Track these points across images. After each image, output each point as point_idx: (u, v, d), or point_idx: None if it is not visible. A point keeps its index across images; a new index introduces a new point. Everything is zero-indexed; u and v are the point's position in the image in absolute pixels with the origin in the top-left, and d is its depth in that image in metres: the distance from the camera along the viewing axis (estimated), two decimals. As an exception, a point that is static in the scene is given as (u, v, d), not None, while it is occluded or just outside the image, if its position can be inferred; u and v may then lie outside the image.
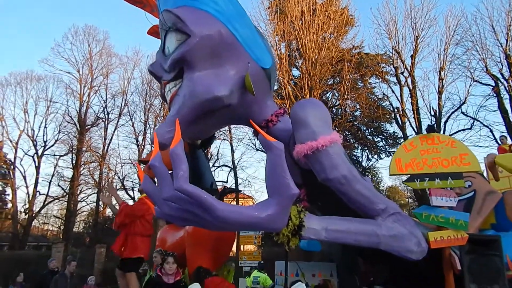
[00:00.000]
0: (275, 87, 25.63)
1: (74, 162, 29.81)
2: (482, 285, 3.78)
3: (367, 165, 26.66)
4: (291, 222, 3.33)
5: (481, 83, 23.44)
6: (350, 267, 4.75)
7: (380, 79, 25.11)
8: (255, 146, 24.81)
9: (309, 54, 23.30)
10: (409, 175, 4.16)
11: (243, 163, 29.37)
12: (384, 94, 25.37)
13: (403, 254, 3.68)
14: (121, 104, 30.86)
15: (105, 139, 30.54)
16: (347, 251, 4.74)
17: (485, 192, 5.31)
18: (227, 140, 25.96)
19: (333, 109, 25.45)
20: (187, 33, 3.66)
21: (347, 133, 25.72)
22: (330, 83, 25.64)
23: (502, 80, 22.80)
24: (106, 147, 30.45)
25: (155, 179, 3.16)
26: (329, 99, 25.88)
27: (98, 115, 30.99)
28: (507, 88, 22.59)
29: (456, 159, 4.11)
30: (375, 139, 26.41)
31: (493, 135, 21.69)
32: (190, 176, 2.87)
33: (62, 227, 31.95)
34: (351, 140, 25.31)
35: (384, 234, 3.64)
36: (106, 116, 30.88)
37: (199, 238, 4.87)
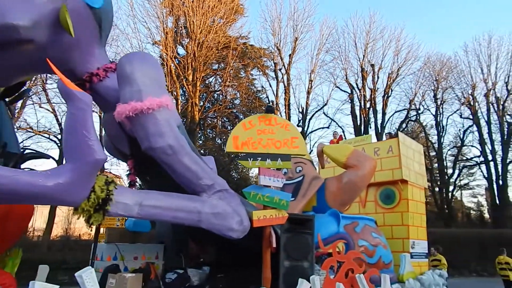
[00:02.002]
0: (161, 64, 24.16)
1: None
2: (294, 262, 3.94)
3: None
4: (93, 195, 2.76)
5: (340, 89, 26.76)
6: (179, 248, 4.47)
7: (261, 72, 26.16)
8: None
9: (196, 34, 22.48)
10: (244, 153, 4.05)
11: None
12: (262, 87, 26.55)
13: (224, 233, 3.52)
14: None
15: None
16: (177, 232, 4.44)
17: (311, 177, 5.75)
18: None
19: (215, 94, 25.38)
20: None
21: (225, 119, 26.08)
22: (214, 68, 25.44)
23: (356, 89, 26.47)
24: None
25: None
26: (211, 83, 25.67)
27: None
28: (359, 97, 26.35)
29: (287, 142, 4.17)
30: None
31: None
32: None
33: None
34: (228, 127, 25.67)
35: (206, 211, 3.40)
36: None
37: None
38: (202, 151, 22.67)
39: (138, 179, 4.10)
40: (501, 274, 9.64)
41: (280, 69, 25.54)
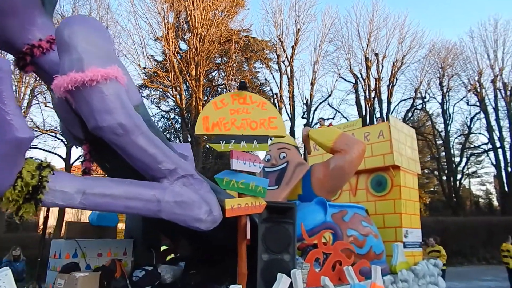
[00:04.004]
0: (160, 59, 23.75)
1: None
2: (273, 255, 3.44)
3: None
4: (20, 182, 2.30)
5: (345, 79, 25.95)
6: (150, 243, 4.01)
7: (264, 65, 25.52)
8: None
9: (198, 28, 21.98)
10: (215, 136, 3.55)
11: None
12: (266, 79, 25.93)
13: (190, 224, 3.03)
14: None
15: None
16: (148, 226, 3.98)
17: (295, 164, 5.20)
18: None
19: (218, 88, 24.87)
20: None
21: (229, 113, 25.51)
22: (217, 62, 24.93)
23: (361, 79, 25.61)
24: None
25: None
26: (215, 77, 25.15)
27: None
28: (363, 87, 25.49)
29: (264, 122, 3.65)
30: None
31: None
32: None
33: None
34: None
35: (167, 200, 2.91)
36: None
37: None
38: (208, 147, 22.28)
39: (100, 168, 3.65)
40: (504, 261, 9.58)
41: (283, 61, 24.89)
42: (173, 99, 22.19)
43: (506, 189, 24.92)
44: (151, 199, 2.85)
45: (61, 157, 18.64)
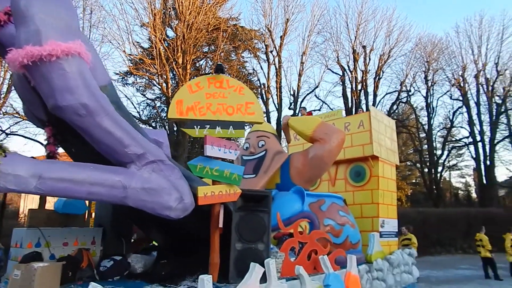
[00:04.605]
0: (146, 46, 23.15)
1: None
2: (247, 244, 3.32)
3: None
4: (-36, 164, 2.09)
5: (332, 71, 25.87)
6: (120, 231, 3.82)
7: (252, 55, 25.17)
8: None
9: (185, 15, 21.42)
10: (189, 120, 3.37)
11: None
12: (254, 69, 25.62)
13: (159, 212, 2.87)
14: None
15: None
16: (118, 213, 3.79)
17: (274, 152, 5.06)
18: None
19: (206, 77, 24.42)
20: None
21: (216, 102, 25.15)
22: (205, 50, 24.43)
23: (348, 71, 25.58)
24: None
25: None
26: (202, 66, 24.70)
27: None
28: (350, 79, 25.49)
29: (241, 107, 3.48)
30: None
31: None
32: None
33: None
34: (220, 110, 24.86)
35: (134, 186, 2.74)
36: None
37: None
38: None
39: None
40: (477, 250, 10.07)
41: (271, 51, 24.60)
42: (159, 87, 21.72)
43: (485, 181, 25.53)
44: (116, 185, 2.67)
45: (42, 144, 18.06)
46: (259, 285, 2.97)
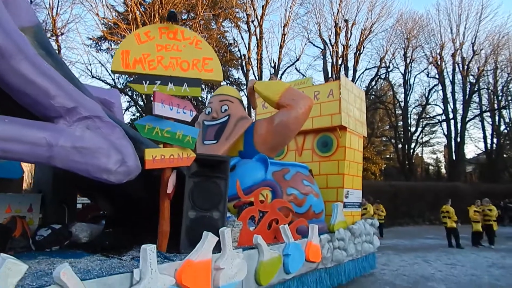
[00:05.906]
0: (121, 9, 21.66)
1: None
2: (201, 212, 3.02)
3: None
4: None
5: (313, 44, 25.25)
6: (61, 198, 3.43)
7: (233, 24, 24.10)
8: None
9: (163, -22, 20.03)
10: (137, 74, 2.93)
11: None
12: (234, 39, 24.62)
13: (96, 175, 2.49)
14: None
15: None
16: (59, 178, 3.38)
17: (237, 118, 4.70)
18: None
19: (185, 45, 23.28)
20: None
21: (196, 72, 24.20)
22: (184, 17, 23.13)
23: (329, 45, 25.04)
24: None
25: None
26: (181, 34, 23.46)
27: None
28: (331, 53, 25.01)
29: (198, 63, 3.07)
30: (221, 83, 25.90)
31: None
32: None
33: None
34: (199, 80, 23.99)
35: (62, 144, 2.32)
36: None
37: None
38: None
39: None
40: (442, 221, 10.49)
41: (252, 21, 23.59)
42: (135, 54, 20.53)
43: (454, 157, 26.33)
44: (39, 143, 2.25)
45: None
46: (211, 255, 2.70)
